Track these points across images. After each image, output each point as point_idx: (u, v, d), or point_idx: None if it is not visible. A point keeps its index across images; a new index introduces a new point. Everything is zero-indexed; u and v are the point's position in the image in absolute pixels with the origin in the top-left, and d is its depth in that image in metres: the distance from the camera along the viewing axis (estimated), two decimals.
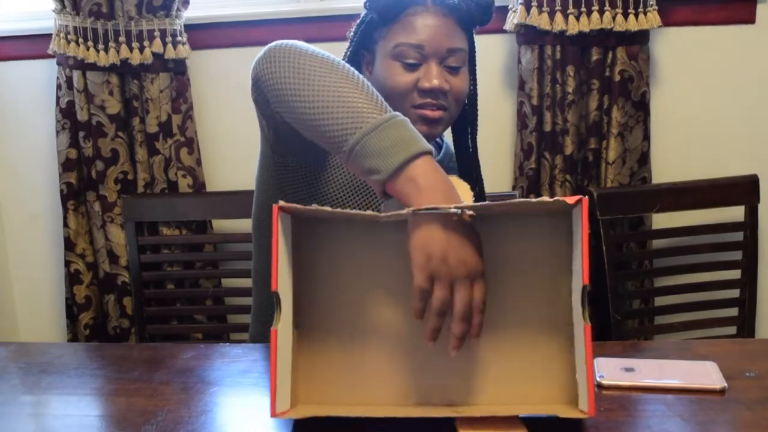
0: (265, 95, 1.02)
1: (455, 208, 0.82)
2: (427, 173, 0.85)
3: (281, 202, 0.83)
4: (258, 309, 1.29)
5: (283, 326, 0.84)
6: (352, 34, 1.24)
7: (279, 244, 0.83)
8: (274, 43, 1.00)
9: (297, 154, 1.14)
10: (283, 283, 0.84)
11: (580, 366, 0.84)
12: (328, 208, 0.83)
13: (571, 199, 0.83)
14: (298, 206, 0.84)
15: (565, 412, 0.84)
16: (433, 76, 1.13)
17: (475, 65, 1.24)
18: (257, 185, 1.24)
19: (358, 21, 1.23)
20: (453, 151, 1.31)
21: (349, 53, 1.24)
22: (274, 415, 0.83)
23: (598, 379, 1.00)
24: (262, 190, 1.22)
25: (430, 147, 0.88)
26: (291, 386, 0.88)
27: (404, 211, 0.83)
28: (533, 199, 0.83)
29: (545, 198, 0.82)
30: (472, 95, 1.26)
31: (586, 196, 0.85)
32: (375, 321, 0.92)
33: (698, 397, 0.95)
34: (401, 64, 1.15)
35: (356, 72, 0.95)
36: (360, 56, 1.23)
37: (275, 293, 0.82)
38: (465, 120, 1.27)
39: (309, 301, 0.92)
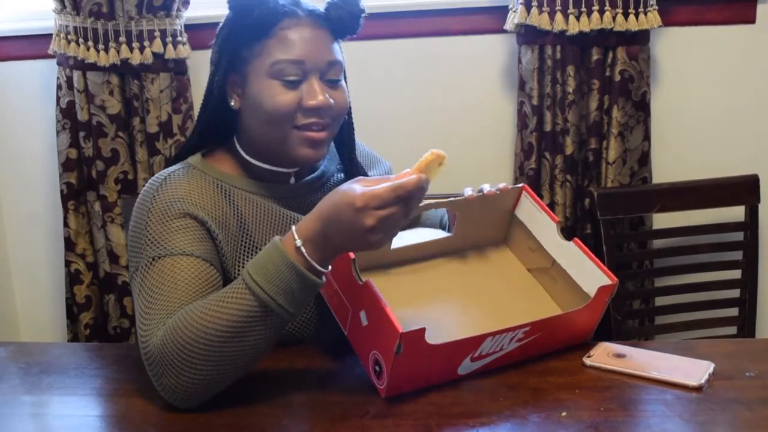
0: None
1: None
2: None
3: None
4: None
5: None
6: (216, 56, 1.13)
7: None
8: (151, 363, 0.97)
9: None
10: None
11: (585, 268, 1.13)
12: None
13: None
14: None
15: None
16: (317, 93, 1.07)
17: (346, 77, 1.16)
18: None
19: (218, 41, 1.13)
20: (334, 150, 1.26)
21: (216, 79, 1.12)
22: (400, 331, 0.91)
23: (584, 358, 1.05)
24: None
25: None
26: None
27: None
28: None
29: None
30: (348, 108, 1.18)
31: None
32: None
33: (698, 396, 0.95)
34: (281, 83, 1.07)
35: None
36: (224, 79, 1.12)
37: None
38: (343, 132, 1.20)
39: None
